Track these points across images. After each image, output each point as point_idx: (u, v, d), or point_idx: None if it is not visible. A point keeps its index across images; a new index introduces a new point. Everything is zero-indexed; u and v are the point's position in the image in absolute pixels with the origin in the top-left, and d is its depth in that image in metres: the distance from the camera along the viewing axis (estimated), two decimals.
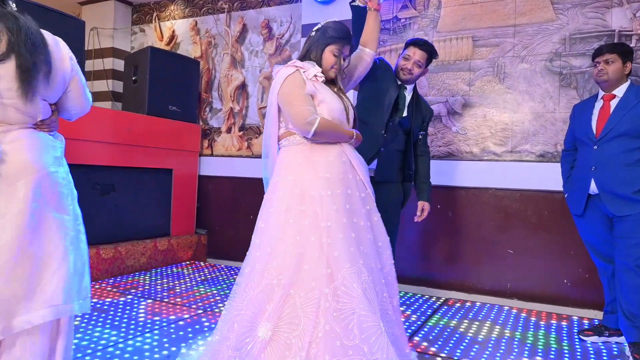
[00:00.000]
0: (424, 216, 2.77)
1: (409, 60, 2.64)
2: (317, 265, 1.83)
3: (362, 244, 1.96)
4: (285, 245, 1.86)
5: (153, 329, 2.66)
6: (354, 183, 2.03)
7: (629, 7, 3.31)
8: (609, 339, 2.71)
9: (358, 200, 2.02)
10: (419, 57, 2.65)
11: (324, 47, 2.12)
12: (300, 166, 1.99)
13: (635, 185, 2.43)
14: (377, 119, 2.61)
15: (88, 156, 3.70)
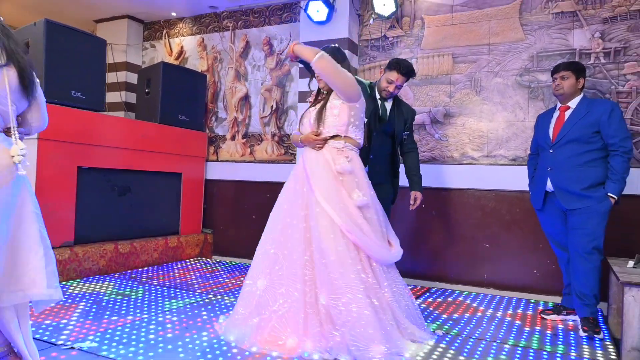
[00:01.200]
0: (417, 204, 3.20)
1: (392, 84, 3.06)
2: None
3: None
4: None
5: (172, 308, 3.07)
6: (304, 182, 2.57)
7: (588, 28, 3.77)
8: (566, 317, 3.12)
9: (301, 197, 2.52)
10: (401, 82, 3.08)
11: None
12: None
13: (584, 183, 2.85)
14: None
15: (107, 160, 4.11)
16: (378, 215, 2.59)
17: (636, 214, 3.53)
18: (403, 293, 2.59)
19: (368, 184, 2.61)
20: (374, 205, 2.59)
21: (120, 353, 2.27)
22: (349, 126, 2.54)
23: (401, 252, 2.64)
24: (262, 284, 2.44)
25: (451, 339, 2.68)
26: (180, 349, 2.35)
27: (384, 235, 2.60)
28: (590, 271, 2.82)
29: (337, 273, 2.31)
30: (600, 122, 2.87)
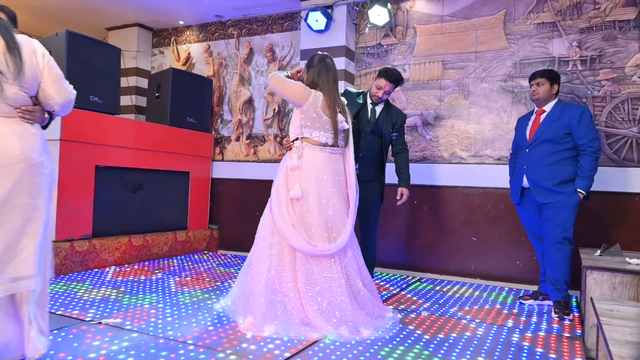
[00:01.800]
0: (404, 199, 3.49)
1: (380, 89, 3.38)
2: None
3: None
4: None
5: (184, 292, 3.38)
6: None
7: (566, 37, 4.08)
8: (543, 302, 3.42)
9: None
10: (389, 88, 3.40)
11: None
12: None
13: (555, 179, 3.16)
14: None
15: (121, 159, 4.43)
16: (318, 209, 2.73)
17: (608, 209, 3.84)
18: (326, 289, 2.66)
19: (323, 180, 2.78)
20: (316, 199, 2.74)
21: (142, 327, 2.59)
22: (302, 128, 2.85)
23: (331, 250, 2.68)
24: None
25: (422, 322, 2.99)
26: (195, 324, 2.67)
27: (323, 228, 2.72)
28: (561, 259, 3.12)
29: (254, 252, 2.81)
30: (571, 124, 3.18)
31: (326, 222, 2.74)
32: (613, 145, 3.89)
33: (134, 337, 2.43)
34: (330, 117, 2.82)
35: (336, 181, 2.84)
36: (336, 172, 2.86)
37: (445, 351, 2.39)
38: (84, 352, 2.19)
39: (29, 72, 1.88)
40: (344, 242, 2.73)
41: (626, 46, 3.88)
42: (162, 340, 2.40)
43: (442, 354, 2.35)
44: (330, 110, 2.83)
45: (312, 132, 2.84)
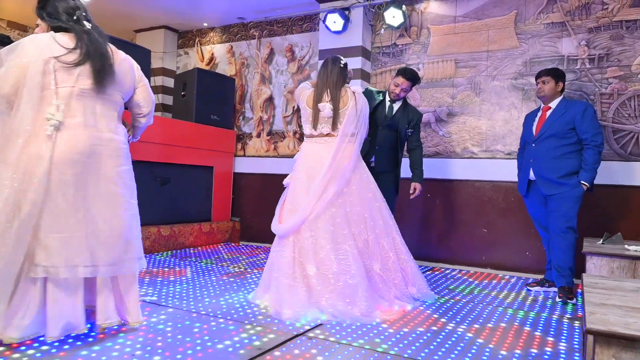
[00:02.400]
0: (417, 194, 3.72)
1: (398, 87, 3.61)
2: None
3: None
4: None
5: (210, 278, 3.65)
6: None
7: (575, 37, 4.24)
8: (549, 289, 3.60)
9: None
10: (406, 86, 3.62)
11: None
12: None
13: (560, 172, 3.34)
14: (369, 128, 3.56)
15: (151, 154, 4.72)
16: (292, 194, 3.11)
17: (613, 201, 4.00)
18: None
19: (308, 168, 3.06)
20: (293, 185, 3.14)
21: (175, 304, 2.86)
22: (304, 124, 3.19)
23: (279, 230, 3.02)
24: None
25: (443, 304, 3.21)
26: (223, 303, 2.93)
27: (289, 211, 3.04)
28: (565, 247, 3.31)
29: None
30: (575, 120, 3.36)
31: (288, 206, 3.06)
32: (620, 140, 4.05)
33: (169, 311, 2.70)
34: (311, 109, 3.10)
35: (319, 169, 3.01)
36: (321, 160, 3.01)
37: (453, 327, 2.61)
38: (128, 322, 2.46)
39: (124, 81, 2.32)
40: (294, 222, 2.91)
41: (633, 45, 4.03)
42: (195, 314, 2.67)
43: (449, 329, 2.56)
44: (313, 102, 3.10)
45: (304, 126, 3.20)
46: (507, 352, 2.25)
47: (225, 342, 2.23)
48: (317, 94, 3.09)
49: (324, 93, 3.08)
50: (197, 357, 2.04)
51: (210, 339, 2.26)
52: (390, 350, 2.22)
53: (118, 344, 2.15)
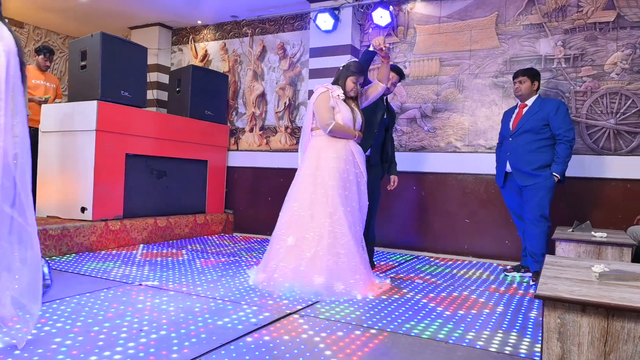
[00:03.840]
0: (395, 185, 3.96)
1: (389, 81, 3.82)
2: (324, 206, 3.05)
3: (349, 199, 3.16)
4: (306, 193, 3.12)
5: (208, 265, 3.86)
6: (352, 164, 3.25)
7: (552, 38, 4.48)
8: (524, 274, 3.86)
9: (352, 174, 3.24)
10: (396, 80, 3.84)
11: (346, 78, 3.32)
12: (320, 148, 3.25)
13: (534, 164, 3.59)
14: (374, 123, 3.78)
15: (147, 148, 4.90)
16: None
17: (586, 193, 4.27)
18: None
19: None
20: None
21: (176, 288, 3.07)
22: None
23: None
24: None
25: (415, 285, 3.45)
26: (220, 286, 3.14)
27: None
28: (539, 235, 3.56)
29: None
30: (549, 116, 3.60)
31: None
32: (593, 136, 4.30)
33: (171, 294, 2.91)
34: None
35: None
36: None
37: (433, 305, 2.85)
38: (132, 303, 2.67)
39: None
40: None
41: (605, 46, 4.28)
42: (195, 296, 2.88)
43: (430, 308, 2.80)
44: None
45: None
46: (479, 327, 2.49)
47: (224, 319, 2.45)
48: None
49: None
50: (199, 332, 2.25)
51: (211, 317, 2.47)
52: (374, 325, 2.45)
53: (126, 321, 2.36)
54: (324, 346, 2.12)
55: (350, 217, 3.13)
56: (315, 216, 3.09)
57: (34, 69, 5.14)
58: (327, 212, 3.07)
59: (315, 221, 3.08)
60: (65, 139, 4.48)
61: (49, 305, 2.56)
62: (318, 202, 3.11)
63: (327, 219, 3.05)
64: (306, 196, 3.16)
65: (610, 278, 1.73)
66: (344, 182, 3.20)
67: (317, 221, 3.07)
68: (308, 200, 3.14)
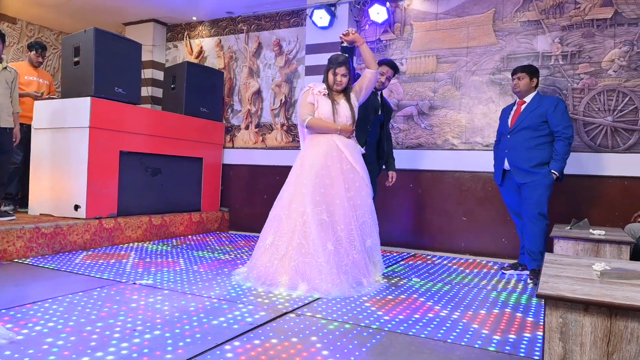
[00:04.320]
0: (393, 181, 3.93)
1: (383, 75, 3.79)
2: (298, 205, 3.05)
3: (329, 196, 3.14)
4: (286, 192, 3.20)
5: (202, 263, 3.82)
6: (336, 159, 3.22)
7: (549, 34, 4.46)
8: (522, 272, 3.84)
9: (336, 169, 3.22)
10: (390, 74, 3.82)
11: (327, 72, 3.29)
12: (306, 147, 3.23)
13: (532, 162, 3.56)
14: (366, 120, 3.75)
15: (142, 145, 4.85)
16: None
17: (583, 191, 4.25)
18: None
19: None
20: None
21: (171, 286, 3.02)
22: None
23: None
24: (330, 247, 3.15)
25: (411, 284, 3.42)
26: (215, 285, 3.10)
27: None
28: (537, 233, 3.53)
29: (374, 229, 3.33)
30: (547, 113, 3.57)
31: None
32: (590, 133, 4.28)
33: (165, 293, 2.87)
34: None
35: None
36: None
37: (430, 305, 2.82)
38: (127, 302, 2.62)
39: None
40: None
41: (603, 43, 4.26)
42: (190, 295, 2.84)
43: (427, 307, 2.77)
44: None
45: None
46: (478, 326, 2.46)
47: (220, 318, 2.41)
48: None
49: None
50: (194, 331, 2.21)
51: (206, 316, 2.44)
52: (372, 324, 2.42)
53: (120, 320, 2.32)
54: (320, 346, 2.09)
55: (326, 214, 3.10)
56: (291, 215, 3.11)
57: (26, 65, 5.07)
58: (299, 212, 3.09)
59: (290, 220, 3.10)
60: (58, 135, 4.42)
61: (40, 304, 2.52)
62: (295, 201, 3.14)
63: (299, 218, 3.07)
64: (285, 195, 3.22)
65: (612, 276, 1.70)
66: (322, 178, 3.18)
67: (292, 220, 3.09)
68: (287, 199, 3.19)
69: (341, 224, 3.13)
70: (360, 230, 3.25)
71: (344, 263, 3.10)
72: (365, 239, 3.29)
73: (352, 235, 3.17)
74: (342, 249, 3.12)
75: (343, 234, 3.14)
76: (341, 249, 3.12)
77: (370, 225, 3.35)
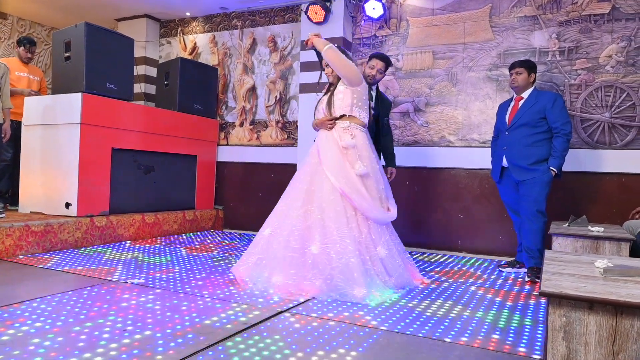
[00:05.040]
0: (392, 177, 3.88)
1: (373, 69, 3.74)
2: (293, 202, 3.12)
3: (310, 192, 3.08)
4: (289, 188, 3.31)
5: (196, 259, 3.76)
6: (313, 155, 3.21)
7: (546, 30, 4.41)
8: (519, 270, 3.80)
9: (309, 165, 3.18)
10: (380, 66, 3.76)
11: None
12: None
13: (531, 159, 3.52)
14: None
15: (134, 143, 4.77)
16: (378, 184, 3.17)
17: (581, 187, 4.22)
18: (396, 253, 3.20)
19: (372, 157, 3.18)
20: (375, 175, 3.16)
21: (163, 285, 2.96)
22: (352, 107, 3.16)
23: (395, 215, 3.26)
24: (267, 233, 3.10)
25: None
26: (209, 284, 3.04)
27: (383, 200, 3.19)
28: (535, 230, 3.49)
29: (333, 227, 2.92)
30: (545, 109, 3.53)
31: (380, 194, 3.18)
32: (587, 129, 4.25)
33: (157, 292, 2.81)
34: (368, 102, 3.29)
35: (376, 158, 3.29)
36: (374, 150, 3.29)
37: (427, 304, 2.77)
38: (117, 302, 2.56)
39: None
40: (396, 211, 3.27)
41: (600, 38, 4.22)
42: (182, 294, 2.78)
43: (423, 306, 2.72)
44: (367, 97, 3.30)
45: (360, 113, 3.20)
46: (476, 325, 2.42)
47: (213, 318, 2.35)
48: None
49: None
50: (185, 331, 2.15)
51: (198, 316, 2.38)
52: (368, 324, 2.37)
53: (109, 320, 2.25)
54: (316, 346, 2.03)
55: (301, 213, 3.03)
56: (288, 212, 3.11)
57: (17, 61, 4.99)
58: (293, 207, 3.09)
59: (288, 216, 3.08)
60: (49, 132, 4.34)
61: (28, 304, 2.45)
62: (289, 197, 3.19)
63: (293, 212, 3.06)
64: (288, 190, 3.23)
65: (615, 274, 1.66)
66: (305, 175, 3.16)
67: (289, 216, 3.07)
68: (287, 196, 3.19)
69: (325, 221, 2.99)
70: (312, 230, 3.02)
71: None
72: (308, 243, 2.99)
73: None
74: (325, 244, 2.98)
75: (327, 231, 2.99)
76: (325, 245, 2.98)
77: (321, 225, 2.98)
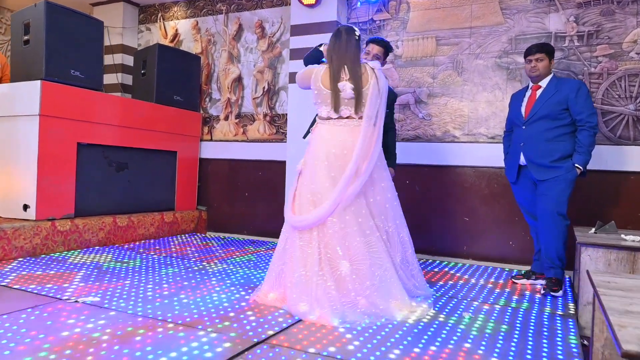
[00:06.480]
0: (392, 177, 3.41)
1: (369, 54, 3.29)
2: None
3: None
4: None
5: (167, 273, 3.28)
6: None
7: (563, 12, 3.96)
8: (535, 282, 3.35)
9: None
10: (377, 51, 3.30)
11: None
12: None
13: (553, 156, 3.06)
14: None
15: (104, 137, 4.29)
16: (312, 182, 2.66)
17: (603, 188, 3.77)
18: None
19: (327, 154, 2.65)
20: (313, 172, 2.67)
21: (120, 306, 2.49)
22: (314, 106, 2.82)
23: (307, 221, 2.57)
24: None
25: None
26: (176, 303, 2.57)
27: (309, 201, 2.63)
28: (556, 235, 3.04)
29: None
30: (568, 99, 3.08)
31: (307, 196, 2.65)
32: (609, 123, 3.80)
33: (111, 315, 2.33)
34: (330, 89, 2.70)
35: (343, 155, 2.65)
36: (345, 145, 2.66)
37: (434, 332, 2.31)
38: (57, 330, 2.09)
39: None
40: (319, 214, 2.54)
41: (624, 21, 3.77)
42: (141, 318, 2.30)
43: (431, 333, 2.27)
44: (331, 81, 2.69)
45: (318, 108, 2.79)
46: (487, 347, 1.96)
47: (171, 354, 1.88)
48: (334, 71, 2.69)
49: (341, 70, 2.69)
50: None
51: (153, 350, 1.90)
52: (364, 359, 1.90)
53: (40, 357, 1.78)
54: None
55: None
56: None
57: None
58: None
59: None
60: (4, 125, 3.85)
61: None
62: None
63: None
64: None
65: None
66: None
67: None
68: None
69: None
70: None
71: None
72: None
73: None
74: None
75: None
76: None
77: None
